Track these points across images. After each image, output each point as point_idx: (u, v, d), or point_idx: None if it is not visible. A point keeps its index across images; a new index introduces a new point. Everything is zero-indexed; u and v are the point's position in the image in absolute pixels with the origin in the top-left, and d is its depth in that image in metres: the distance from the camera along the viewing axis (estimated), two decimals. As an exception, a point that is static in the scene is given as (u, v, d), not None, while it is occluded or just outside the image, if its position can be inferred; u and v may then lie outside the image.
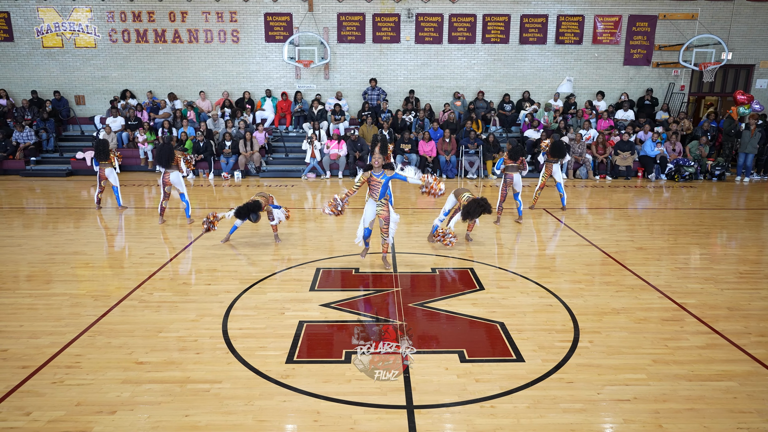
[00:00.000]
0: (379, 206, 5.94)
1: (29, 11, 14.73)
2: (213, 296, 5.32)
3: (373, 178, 5.84)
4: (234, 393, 3.60)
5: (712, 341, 4.41)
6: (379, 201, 5.92)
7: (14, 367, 3.93)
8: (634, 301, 5.27)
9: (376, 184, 5.85)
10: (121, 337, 4.41)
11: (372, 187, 5.89)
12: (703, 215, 9.24)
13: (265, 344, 4.30)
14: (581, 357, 4.13)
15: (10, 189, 11.53)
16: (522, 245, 7.26)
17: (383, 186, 5.85)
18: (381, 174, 5.85)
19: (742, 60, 15.17)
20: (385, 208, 5.94)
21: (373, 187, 5.88)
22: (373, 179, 5.85)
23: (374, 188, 5.88)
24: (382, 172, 5.86)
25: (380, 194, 5.88)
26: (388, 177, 5.84)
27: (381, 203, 5.93)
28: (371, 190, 5.92)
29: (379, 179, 5.83)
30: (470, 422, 3.30)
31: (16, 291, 5.48)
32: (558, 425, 3.27)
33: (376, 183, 5.85)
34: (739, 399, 3.56)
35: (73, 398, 3.53)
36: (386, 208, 5.95)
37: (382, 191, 5.87)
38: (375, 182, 5.85)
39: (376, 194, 5.89)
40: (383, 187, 5.85)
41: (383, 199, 5.92)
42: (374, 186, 5.87)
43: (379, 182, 5.83)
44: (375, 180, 5.84)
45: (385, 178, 5.84)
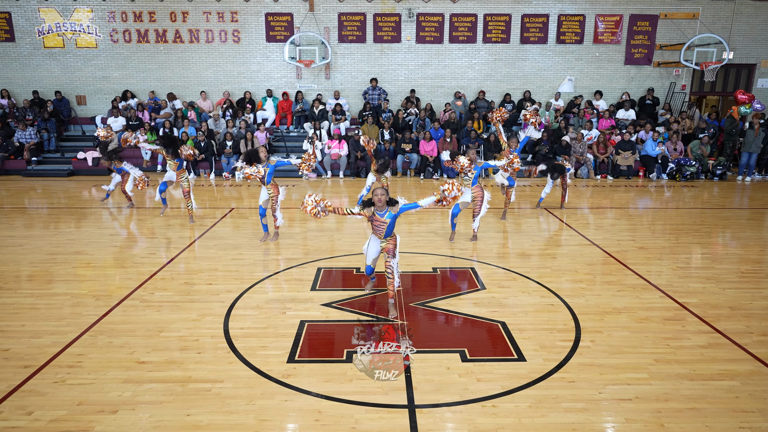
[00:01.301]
0: (384, 243, 4.93)
1: (30, 11, 14.74)
2: (214, 296, 5.32)
3: (377, 218, 4.75)
4: (235, 392, 3.60)
5: (713, 341, 4.40)
6: (383, 239, 4.91)
7: (16, 366, 3.93)
8: (636, 300, 5.26)
9: (380, 224, 4.77)
10: (123, 337, 4.41)
11: (375, 227, 4.83)
12: (704, 215, 9.23)
13: (266, 344, 4.30)
14: (583, 356, 4.12)
15: (11, 189, 11.54)
16: (523, 245, 7.25)
17: (389, 226, 4.78)
18: (385, 212, 4.73)
19: (743, 59, 15.15)
20: (392, 241, 4.93)
21: (377, 227, 4.82)
22: (376, 219, 4.75)
23: (378, 228, 4.83)
24: (387, 210, 4.73)
25: (386, 234, 4.84)
26: (394, 215, 4.75)
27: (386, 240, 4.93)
28: (374, 229, 4.88)
29: (383, 219, 4.73)
30: (472, 421, 3.30)
31: (17, 291, 5.48)
32: (560, 424, 3.27)
33: (380, 223, 4.77)
34: (741, 398, 3.56)
35: (74, 398, 3.53)
36: (393, 242, 4.93)
37: (387, 231, 4.82)
38: (379, 222, 4.76)
39: (381, 234, 4.85)
40: (389, 227, 4.79)
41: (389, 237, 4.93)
42: (378, 226, 4.80)
43: (383, 222, 4.75)
44: (379, 220, 4.75)
45: (391, 216, 4.74)
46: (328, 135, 13.80)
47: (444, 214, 9.21)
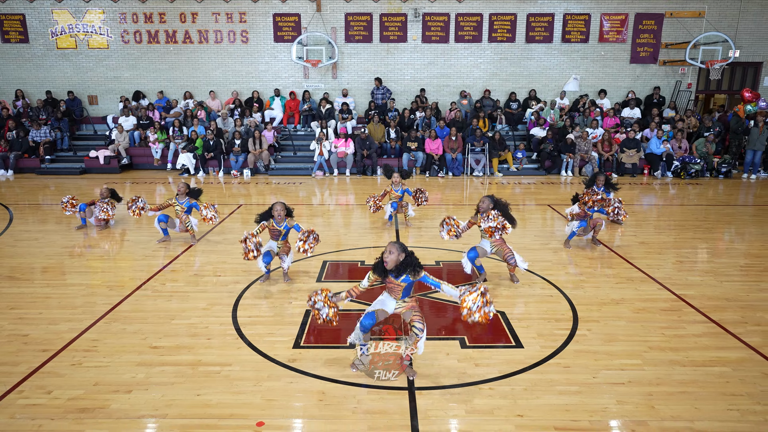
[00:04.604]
0: (400, 306, 3.94)
1: (44, 13, 15.05)
2: (223, 287, 5.49)
3: (390, 280, 3.83)
4: (243, 375, 3.77)
5: (708, 330, 4.50)
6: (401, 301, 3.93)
7: (35, 350, 4.12)
8: (634, 292, 5.37)
9: (395, 287, 3.86)
10: (135, 324, 4.59)
11: (390, 288, 3.90)
12: (707, 211, 9.29)
13: (273, 331, 4.47)
14: (579, 344, 4.25)
15: (26, 186, 11.81)
16: (526, 240, 7.36)
17: (405, 289, 3.87)
18: (401, 276, 3.78)
19: (749, 57, 15.14)
20: (412, 303, 3.95)
21: (392, 289, 3.89)
22: (390, 281, 3.84)
23: (393, 290, 3.89)
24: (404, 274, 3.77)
25: (402, 295, 3.91)
26: (411, 281, 3.82)
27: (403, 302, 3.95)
28: (389, 290, 3.93)
29: (399, 282, 3.82)
30: (469, 402, 3.44)
31: (34, 281, 5.69)
32: (553, 405, 3.40)
33: (395, 286, 3.85)
34: (732, 383, 3.67)
35: (90, 379, 3.72)
36: (413, 304, 3.95)
37: (404, 293, 3.89)
38: (393, 285, 3.85)
39: (397, 295, 3.91)
40: (405, 290, 3.88)
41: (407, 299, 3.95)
42: (393, 288, 3.88)
43: (399, 285, 3.84)
44: (393, 282, 3.83)
45: (408, 281, 3.81)
46: (335, 134, 13.98)
47: (451, 210, 9.34)
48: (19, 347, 4.18)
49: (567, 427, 3.19)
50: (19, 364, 3.92)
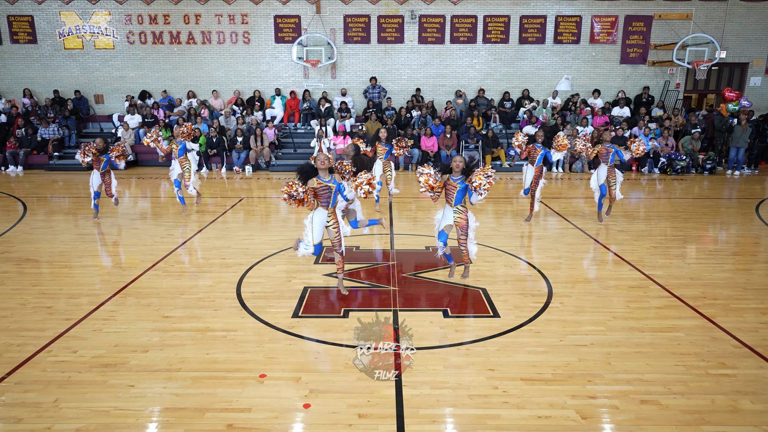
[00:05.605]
0: (456, 212, 5.28)
1: (52, 15, 15.53)
2: (227, 267, 5.95)
3: (450, 183, 5.20)
4: (247, 338, 4.22)
5: (669, 303, 4.96)
6: (455, 207, 5.28)
7: (59, 319, 4.58)
8: (607, 272, 5.83)
9: (451, 188, 5.20)
10: (149, 298, 5.05)
11: (448, 191, 5.25)
12: (685, 204, 9.73)
13: (273, 304, 4.92)
14: (551, 314, 4.70)
15: (35, 182, 12.27)
16: (511, 228, 7.81)
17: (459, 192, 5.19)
18: (459, 179, 5.15)
19: (736, 58, 15.60)
20: (463, 215, 5.27)
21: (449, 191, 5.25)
22: (450, 183, 5.20)
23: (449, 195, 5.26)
24: (461, 176, 5.15)
25: (456, 200, 5.25)
26: (465, 184, 5.14)
27: (458, 209, 5.28)
28: (447, 196, 5.29)
29: (455, 184, 5.17)
30: (446, 360, 3.89)
31: (53, 263, 6.15)
32: (522, 362, 3.85)
33: (451, 187, 5.20)
34: (683, 345, 4.12)
35: (111, 341, 4.17)
36: (464, 215, 5.26)
37: (458, 197, 5.22)
38: (451, 186, 5.20)
39: (452, 200, 5.27)
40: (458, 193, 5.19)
41: (460, 205, 5.27)
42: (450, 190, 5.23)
43: (454, 187, 5.18)
44: (451, 184, 5.20)
45: (463, 184, 5.15)
46: (333, 131, 14.44)
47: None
48: (44, 317, 4.63)
49: (532, 378, 3.64)
50: (45, 329, 4.37)
